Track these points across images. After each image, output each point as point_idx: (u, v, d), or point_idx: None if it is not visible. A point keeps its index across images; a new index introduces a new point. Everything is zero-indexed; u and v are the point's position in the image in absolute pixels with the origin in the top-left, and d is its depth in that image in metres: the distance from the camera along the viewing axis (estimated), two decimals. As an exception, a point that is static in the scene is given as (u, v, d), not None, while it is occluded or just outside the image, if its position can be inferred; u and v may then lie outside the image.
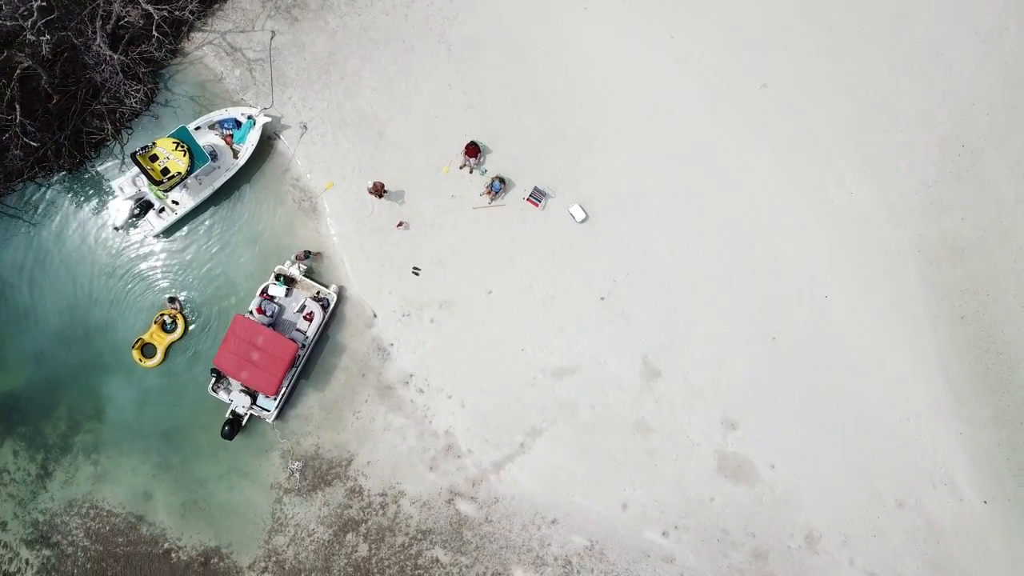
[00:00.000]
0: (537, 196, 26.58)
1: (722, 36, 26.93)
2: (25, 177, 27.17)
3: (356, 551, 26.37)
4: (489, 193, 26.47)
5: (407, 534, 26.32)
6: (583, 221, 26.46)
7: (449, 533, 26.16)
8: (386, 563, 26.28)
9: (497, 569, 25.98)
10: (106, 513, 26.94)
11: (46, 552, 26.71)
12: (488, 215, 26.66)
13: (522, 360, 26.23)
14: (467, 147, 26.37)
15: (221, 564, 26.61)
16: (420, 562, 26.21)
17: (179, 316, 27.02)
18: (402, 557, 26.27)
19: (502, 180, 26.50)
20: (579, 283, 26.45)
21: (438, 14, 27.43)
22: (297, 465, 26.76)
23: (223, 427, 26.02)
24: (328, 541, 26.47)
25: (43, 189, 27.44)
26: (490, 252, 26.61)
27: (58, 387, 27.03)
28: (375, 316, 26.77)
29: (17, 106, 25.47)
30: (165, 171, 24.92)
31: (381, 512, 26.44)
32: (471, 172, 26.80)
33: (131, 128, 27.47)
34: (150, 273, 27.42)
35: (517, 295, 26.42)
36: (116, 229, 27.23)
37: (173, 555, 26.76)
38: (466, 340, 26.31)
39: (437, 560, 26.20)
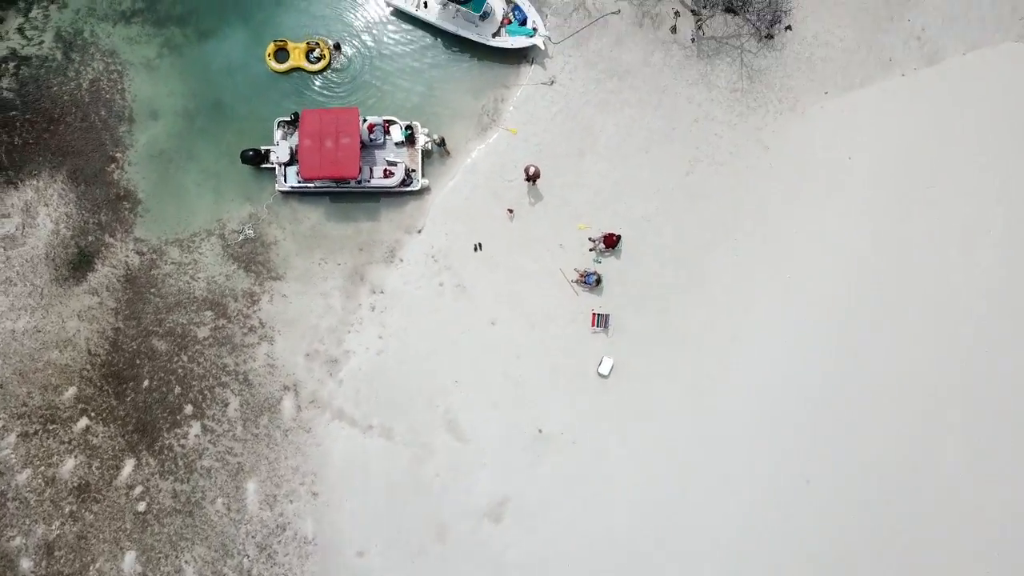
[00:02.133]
0: (603, 320, 26.51)
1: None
2: None
3: (200, 326, 26.55)
4: (580, 277, 26.47)
5: (235, 363, 26.41)
6: (605, 375, 26.35)
7: (254, 405, 26.22)
8: (200, 357, 26.39)
9: (240, 463, 25.97)
10: (119, 87, 27.51)
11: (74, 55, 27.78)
12: (558, 284, 26.63)
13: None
14: (612, 235, 26.39)
15: (128, 216, 27.11)
16: (219, 382, 26.32)
17: (327, 56, 27.57)
18: (214, 368, 26.32)
19: (599, 281, 26.50)
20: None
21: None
22: (248, 233, 27.01)
23: (249, 151, 26.37)
24: (194, 298, 26.67)
25: None
26: (527, 310, 26.66)
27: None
28: (419, 232, 26.97)
29: None
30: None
31: (245, 330, 26.58)
32: (591, 250, 26.82)
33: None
34: (350, 22, 28.19)
35: (505, 359, 26.48)
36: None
37: (113, 167, 27.22)
38: (458, 339, 26.63)
39: (227, 403, 26.19)
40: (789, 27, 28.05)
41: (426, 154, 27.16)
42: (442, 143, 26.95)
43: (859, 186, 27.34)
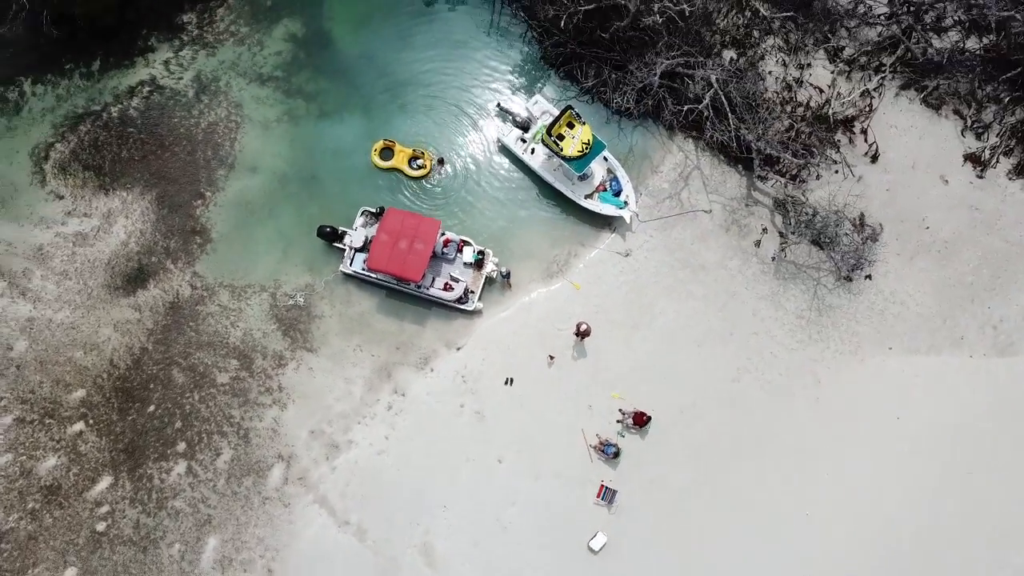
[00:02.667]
0: (610, 495, 34.72)
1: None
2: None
3: (222, 371, 36.18)
4: (600, 445, 35.12)
5: (242, 417, 35.65)
6: (596, 551, 34.14)
7: (244, 463, 34.99)
8: (211, 400, 35.73)
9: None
10: (231, 136, 39.71)
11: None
12: (576, 445, 35.34)
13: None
14: (643, 414, 35.14)
15: (195, 250, 38.10)
16: (220, 430, 35.34)
17: (428, 167, 39.06)
18: (220, 415, 35.59)
19: (618, 455, 35.04)
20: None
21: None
22: (299, 300, 37.13)
23: (328, 227, 37.12)
24: (226, 343, 36.59)
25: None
26: (537, 459, 35.26)
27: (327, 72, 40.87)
28: (458, 349, 36.63)
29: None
30: (560, 137, 36.74)
31: (262, 389, 35.90)
32: (618, 422, 35.69)
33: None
34: (459, 145, 40.05)
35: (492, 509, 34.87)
36: (498, 105, 40.22)
37: (199, 203, 38.63)
38: (461, 466, 35.14)
39: (220, 452, 35.02)
40: (869, 276, 38.19)
41: (489, 281, 37.40)
42: (507, 276, 37.20)
43: (900, 449, 35.73)
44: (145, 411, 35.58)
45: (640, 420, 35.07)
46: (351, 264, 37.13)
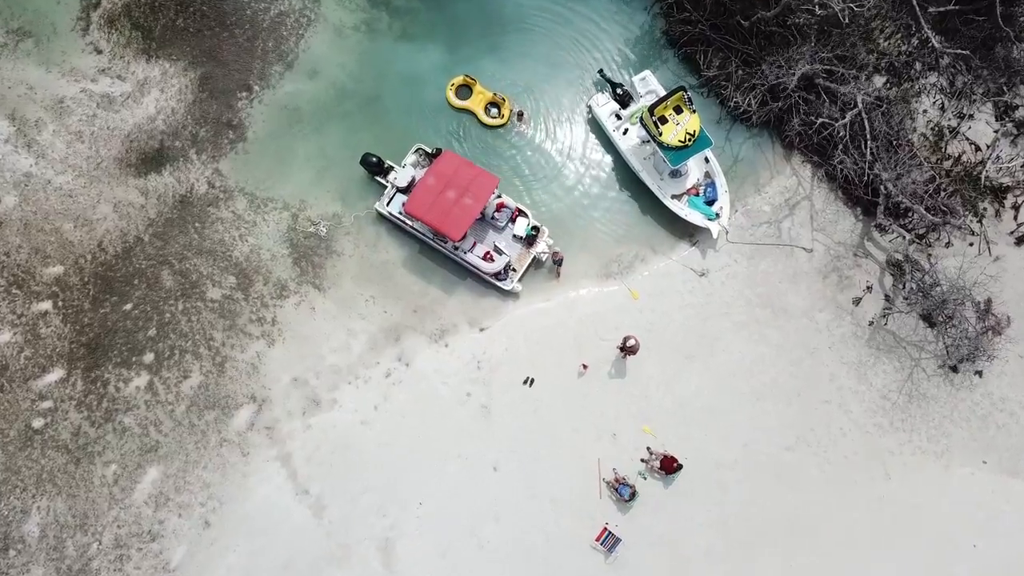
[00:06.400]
0: (611, 542, 29.45)
1: None
2: None
3: (216, 285, 31.96)
4: (616, 482, 29.88)
5: (223, 341, 31.25)
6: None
7: (211, 394, 30.71)
8: (194, 314, 31.39)
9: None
10: (299, 32, 35.44)
11: None
12: (588, 473, 30.10)
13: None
14: (673, 460, 29.84)
15: (225, 145, 33.97)
16: (195, 351, 30.99)
17: (506, 117, 34.29)
18: (200, 334, 31.20)
19: (633, 497, 29.73)
20: None
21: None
22: (321, 230, 32.54)
23: (374, 156, 32.49)
24: (229, 256, 32.35)
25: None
26: (538, 477, 30.20)
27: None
28: (481, 330, 31.83)
29: None
30: (662, 120, 31.31)
31: (254, 317, 31.52)
32: (642, 460, 30.34)
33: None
34: (546, 103, 35.12)
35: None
36: (599, 72, 35.12)
37: (245, 95, 34.46)
38: (449, 461, 30.45)
39: (188, 375, 30.65)
40: (980, 373, 32.12)
41: (536, 263, 32.38)
42: (559, 263, 32.11)
43: (968, 579, 29.95)
44: (121, 307, 31.43)
45: (669, 466, 30.06)
46: (388, 204, 32.47)
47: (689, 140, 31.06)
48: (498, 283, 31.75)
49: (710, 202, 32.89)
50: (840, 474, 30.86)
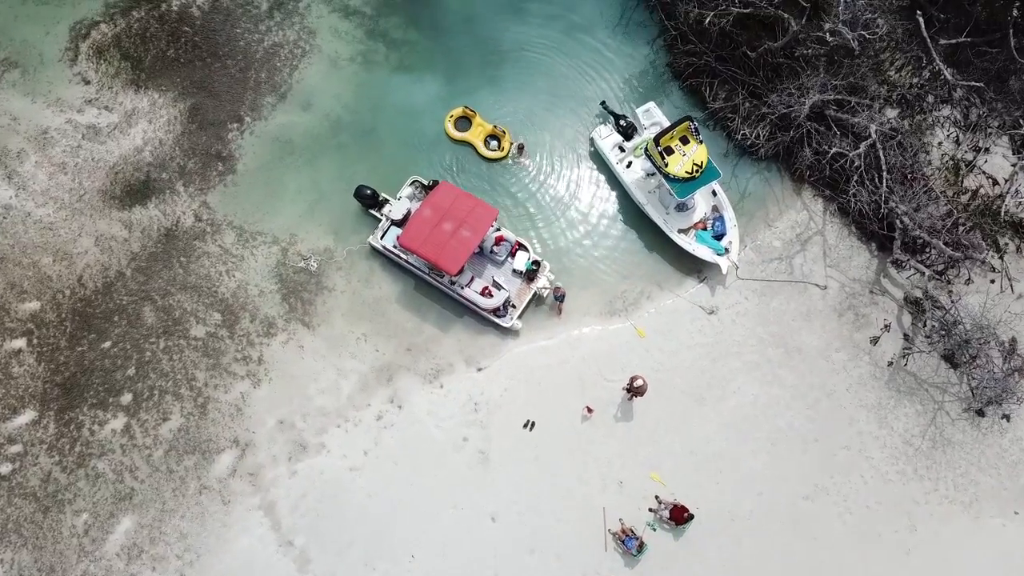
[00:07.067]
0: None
1: None
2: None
3: (200, 323, 30.28)
4: (622, 534, 27.90)
5: (205, 382, 29.53)
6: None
7: (191, 438, 28.89)
8: (177, 353, 29.59)
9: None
10: (293, 63, 34.28)
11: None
12: (592, 525, 28.16)
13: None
14: (684, 511, 27.89)
15: (214, 177, 32.61)
16: (175, 392, 29.14)
17: (506, 150, 33.02)
18: (182, 374, 29.42)
19: (641, 550, 27.68)
20: None
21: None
22: (311, 266, 31.02)
23: (368, 189, 31.05)
24: (215, 292, 30.79)
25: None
26: (538, 529, 28.23)
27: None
28: (479, 370, 30.17)
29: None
30: (668, 151, 29.98)
31: (239, 356, 29.85)
32: (651, 510, 28.41)
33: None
34: (546, 137, 33.93)
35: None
36: (602, 104, 33.96)
37: (235, 127, 33.24)
38: (444, 511, 28.59)
39: (168, 417, 28.80)
40: (1007, 417, 30.32)
41: (537, 299, 30.79)
42: (560, 299, 30.50)
43: (1001, 643, 27.80)
44: (99, 345, 29.78)
45: (679, 516, 28.09)
46: (382, 237, 31.02)
47: (696, 171, 29.70)
48: (497, 320, 30.10)
49: (719, 236, 31.43)
50: (862, 525, 28.92)
